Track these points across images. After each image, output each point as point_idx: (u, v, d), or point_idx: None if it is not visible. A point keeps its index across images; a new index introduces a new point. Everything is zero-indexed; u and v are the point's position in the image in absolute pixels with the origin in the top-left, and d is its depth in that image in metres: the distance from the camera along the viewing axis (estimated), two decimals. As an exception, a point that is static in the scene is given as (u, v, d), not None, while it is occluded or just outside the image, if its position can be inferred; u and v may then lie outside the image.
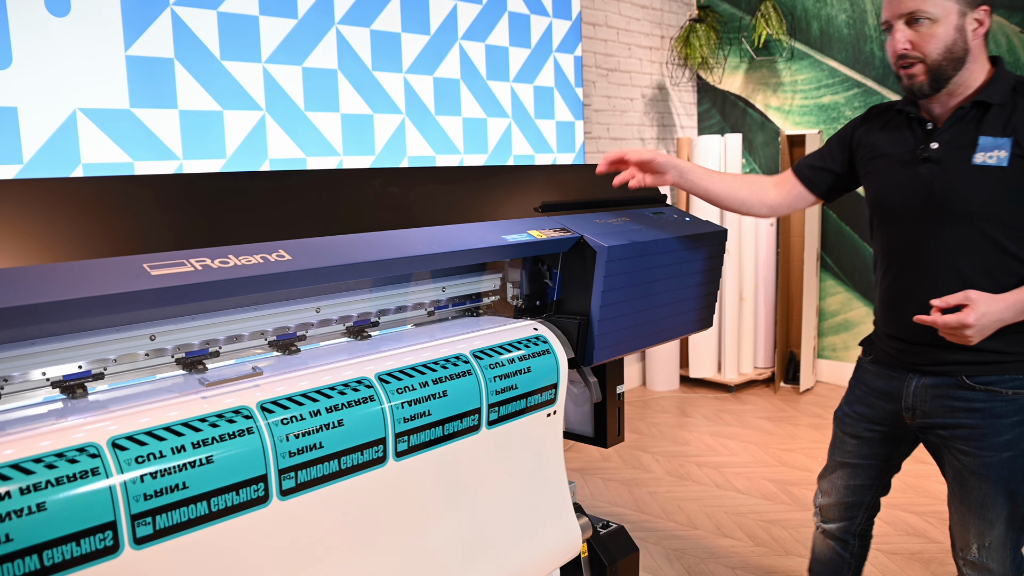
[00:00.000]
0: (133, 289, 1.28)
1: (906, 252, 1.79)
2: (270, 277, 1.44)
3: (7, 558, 1.13)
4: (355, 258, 1.58)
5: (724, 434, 3.99)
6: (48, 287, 1.22)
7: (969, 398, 1.72)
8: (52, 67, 2.40)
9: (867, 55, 4.58)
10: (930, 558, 2.72)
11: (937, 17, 1.64)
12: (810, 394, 4.66)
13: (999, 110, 1.66)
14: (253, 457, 1.41)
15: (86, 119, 2.47)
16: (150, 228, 1.44)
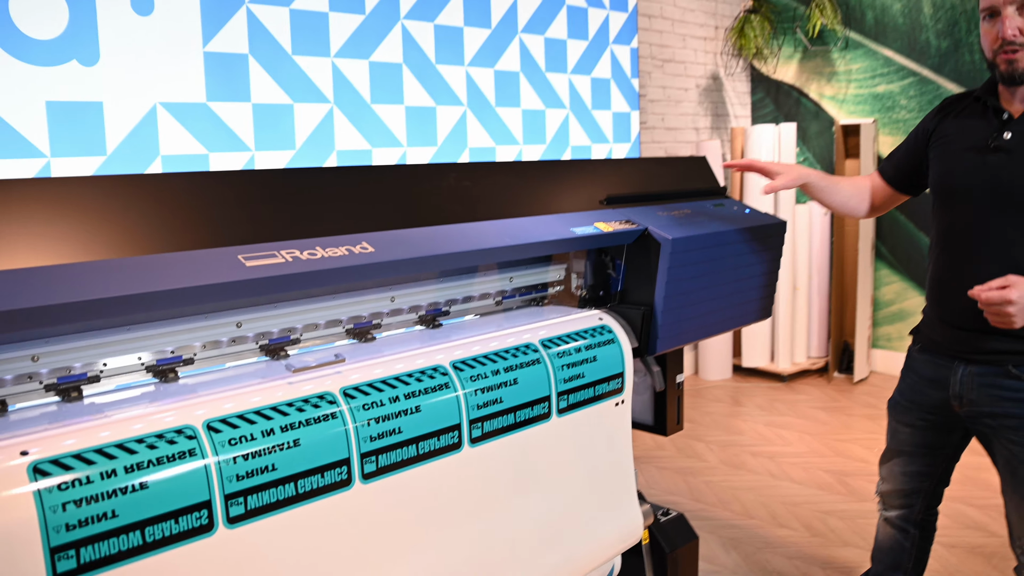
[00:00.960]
0: (232, 279, 1.31)
1: (963, 235, 1.79)
2: (356, 268, 1.47)
3: (112, 533, 1.18)
4: (434, 250, 1.60)
5: (778, 424, 3.95)
6: (154, 277, 1.25)
7: (1015, 388, 1.71)
8: (136, 63, 2.46)
9: (922, 44, 4.46)
10: (992, 552, 2.66)
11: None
12: (864, 384, 4.58)
13: None
14: (337, 441, 1.43)
15: (166, 112, 2.53)
16: (238, 222, 1.47)
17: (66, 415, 1.31)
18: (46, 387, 1.37)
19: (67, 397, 1.38)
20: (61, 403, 1.38)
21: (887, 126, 4.64)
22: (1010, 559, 2.58)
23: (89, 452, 1.19)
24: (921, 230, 4.60)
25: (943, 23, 4.39)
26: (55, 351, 1.37)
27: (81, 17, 2.34)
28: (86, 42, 2.35)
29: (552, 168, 2.18)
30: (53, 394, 1.39)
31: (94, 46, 2.37)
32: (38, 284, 1.18)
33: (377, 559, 1.51)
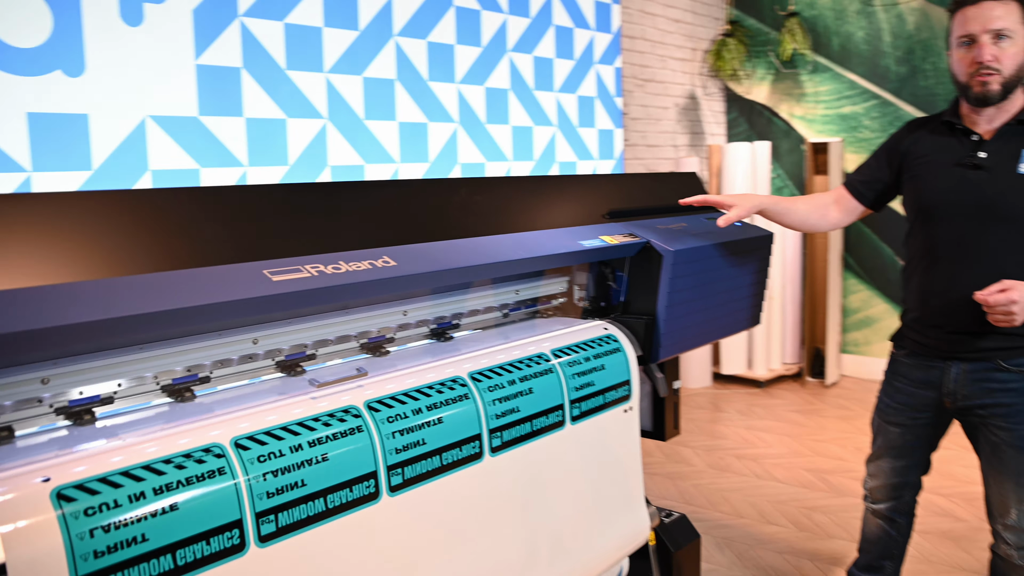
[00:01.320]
0: (260, 295, 1.24)
1: (954, 248, 1.85)
2: (381, 282, 1.41)
3: (144, 558, 1.10)
4: (454, 263, 1.54)
5: (758, 427, 3.93)
6: (183, 293, 1.18)
7: (1005, 379, 1.80)
8: (124, 75, 2.35)
9: (883, 69, 4.51)
10: (960, 535, 2.68)
11: (1015, 36, 1.74)
12: (836, 387, 4.60)
13: None
14: (364, 454, 1.37)
15: (156, 126, 2.43)
16: (258, 236, 1.40)
17: (81, 438, 1.23)
18: (56, 410, 1.28)
19: (80, 420, 1.30)
20: (73, 427, 1.29)
21: (852, 144, 4.67)
22: (977, 541, 2.60)
23: (115, 475, 1.11)
24: (885, 242, 4.64)
25: (901, 51, 4.44)
26: (66, 372, 1.28)
27: (66, 25, 2.22)
28: (71, 52, 2.24)
29: (556, 182, 2.14)
30: (63, 417, 1.30)
31: (79, 56, 2.25)
32: (59, 302, 1.10)
33: (407, 570, 1.44)
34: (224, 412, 1.31)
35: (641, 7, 4.42)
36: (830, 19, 4.67)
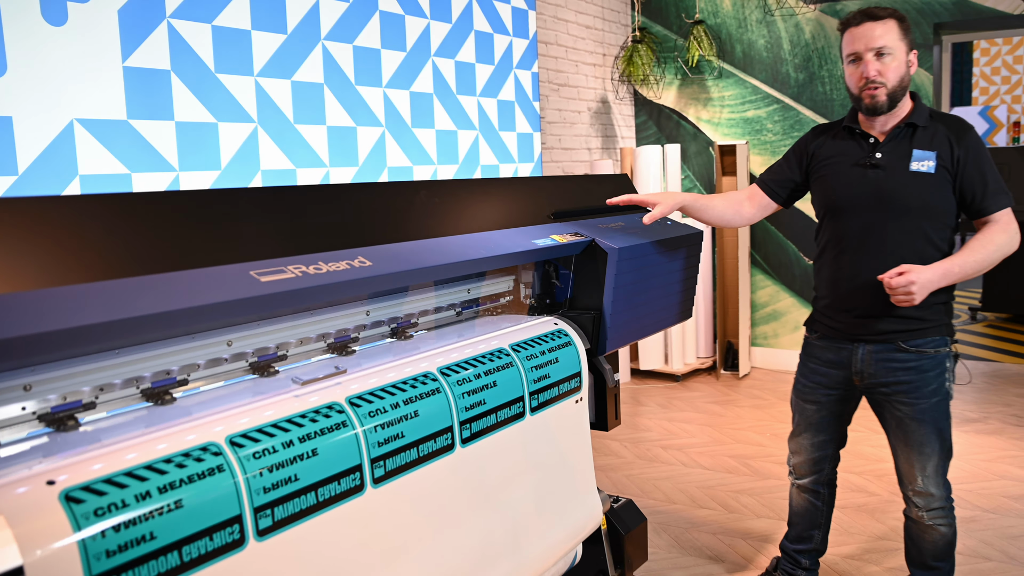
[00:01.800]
0: (251, 295, 1.28)
1: (857, 239, 2.06)
2: (360, 281, 1.47)
3: (152, 555, 1.13)
4: (426, 262, 1.62)
5: (679, 419, 4.14)
6: (177, 295, 1.21)
7: (905, 359, 2.02)
8: (48, 76, 2.30)
9: (783, 75, 4.84)
10: (874, 508, 2.93)
11: (895, 52, 1.97)
12: (748, 379, 4.88)
13: (923, 131, 1.99)
14: (350, 448, 1.43)
15: (83, 130, 2.39)
16: (238, 239, 1.43)
17: (69, 443, 1.24)
18: (39, 417, 1.29)
19: (63, 426, 1.30)
20: (56, 433, 1.30)
21: (756, 147, 4.98)
22: (889, 511, 2.86)
23: (119, 476, 1.14)
24: (789, 239, 4.96)
25: (799, 58, 4.77)
26: (47, 379, 1.29)
27: (-16, 23, 2.16)
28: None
29: (503, 185, 2.23)
30: (44, 424, 1.30)
31: (0, 56, 2.20)
32: (48, 308, 1.11)
33: (389, 559, 1.50)
34: (212, 412, 1.34)
35: (554, 13, 4.58)
36: (733, 27, 4.96)
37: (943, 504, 2.03)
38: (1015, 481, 3.15)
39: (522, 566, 1.85)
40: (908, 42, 1.98)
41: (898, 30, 1.96)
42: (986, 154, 1.93)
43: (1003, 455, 3.43)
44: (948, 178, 1.95)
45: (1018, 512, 2.87)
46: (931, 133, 1.98)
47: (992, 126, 10.12)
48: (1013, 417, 3.93)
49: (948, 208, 1.96)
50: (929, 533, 2.05)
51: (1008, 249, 1.92)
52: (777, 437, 3.79)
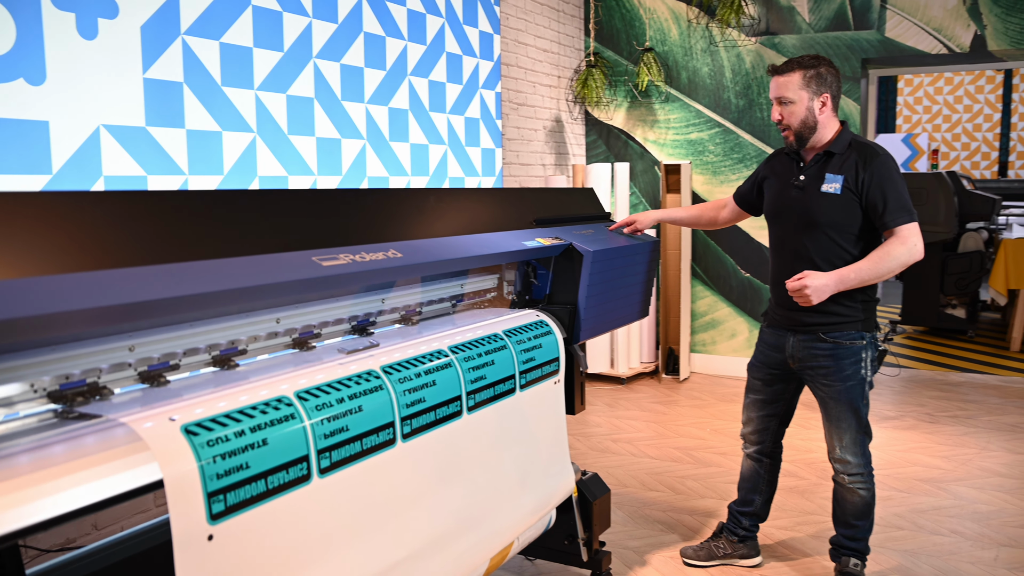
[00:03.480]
0: (318, 276, 1.59)
1: (785, 246, 2.51)
2: (398, 268, 1.79)
3: (248, 481, 1.42)
4: (445, 255, 1.95)
5: (625, 416, 4.53)
6: (267, 273, 1.52)
7: (824, 347, 2.42)
8: (80, 86, 2.55)
9: (725, 101, 5.32)
10: (804, 489, 3.35)
11: (795, 101, 2.39)
12: (688, 382, 5.31)
13: (839, 157, 2.41)
14: (385, 407, 1.74)
15: (108, 135, 2.64)
16: (293, 231, 1.74)
17: (163, 396, 1.52)
18: (139, 374, 1.57)
19: (157, 382, 1.59)
20: (150, 388, 1.58)
21: (699, 167, 5.44)
22: (817, 492, 3.27)
23: (221, 416, 1.43)
24: (727, 253, 5.42)
25: (740, 86, 5.26)
26: (148, 341, 1.57)
27: (29, 36, 2.40)
28: (33, 61, 2.43)
29: (494, 194, 2.58)
30: (141, 380, 1.58)
31: (40, 66, 2.45)
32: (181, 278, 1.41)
33: (409, 504, 1.82)
34: (278, 374, 1.64)
35: (516, 37, 4.96)
36: (679, 55, 5.43)
37: (861, 471, 2.44)
38: (925, 467, 3.62)
39: (516, 523, 2.18)
40: (812, 90, 2.37)
41: (800, 81, 2.38)
42: (891, 176, 2.33)
43: (916, 447, 3.91)
44: (854, 197, 2.35)
45: (926, 491, 3.33)
46: (843, 159, 2.38)
47: (915, 153, 10.93)
48: (926, 415, 4.45)
49: (853, 222, 2.36)
50: (850, 495, 2.46)
51: (906, 259, 2.31)
52: (717, 432, 4.21)
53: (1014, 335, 5.93)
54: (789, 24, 5.07)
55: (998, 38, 4.59)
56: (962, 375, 5.37)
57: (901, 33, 4.77)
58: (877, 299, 2.46)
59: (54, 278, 1.26)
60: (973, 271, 5.88)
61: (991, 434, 4.09)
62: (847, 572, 2.46)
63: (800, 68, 2.39)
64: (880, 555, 2.74)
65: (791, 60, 2.42)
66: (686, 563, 2.73)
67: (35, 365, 1.39)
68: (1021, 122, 9.52)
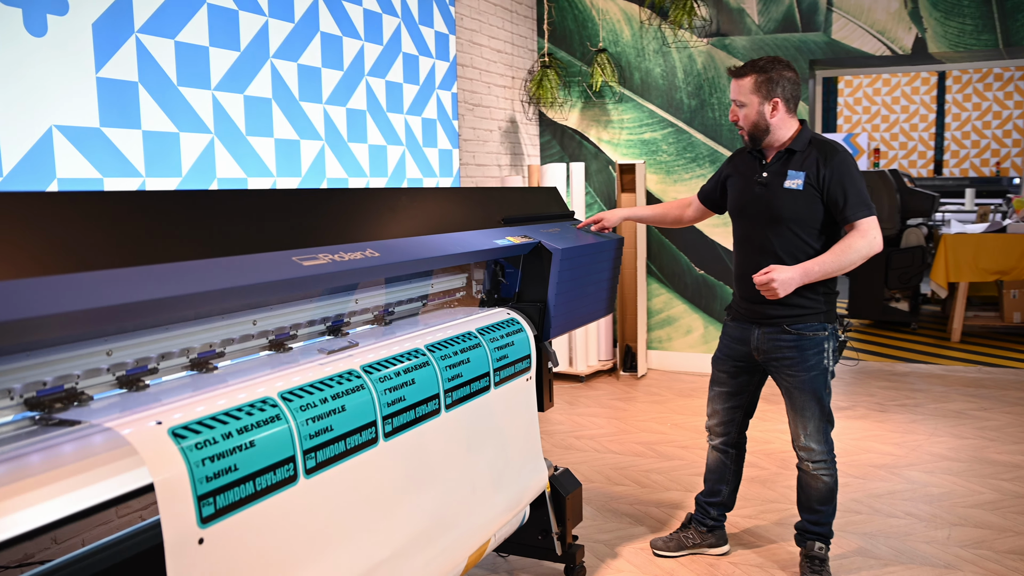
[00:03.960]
0: (298, 276, 1.59)
1: (749, 241, 2.58)
2: (376, 268, 1.79)
3: (237, 483, 1.42)
4: (421, 255, 1.96)
5: (587, 414, 4.58)
6: (246, 273, 1.50)
7: (789, 339, 2.50)
8: (30, 84, 2.48)
9: (677, 102, 5.42)
10: (765, 479, 3.44)
11: (749, 103, 2.48)
12: (646, 379, 5.39)
13: (800, 155, 2.49)
14: (368, 406, 1.74)
15: (61, 136, 2.57)
16: (272, 232, 1.73)
17: (143, 400, 1.50)
18: (118, 379, 1.54)
19: (135, 387, 1.56)
20: (128, 392, 1.55)
21: (652, 166, 5.53)
22: (778, 481, 3.36)
23: (207, 419, 1.42)
24: (682, 251, 5.52)
25: (692, 86, 5.36)
26: (126, 345, 1.55)
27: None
28: (-22, 60, 2.35)
29: (461, 193, 2.59)
30: (119, 385, 1.55)
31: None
32: (161, 280, 1.39)
33: (393, 503, 1.82)
34: (257, 376, 1.63)
35: (470, 38, 4.97)
36: (632, 56, 5.51)
37: (824, 458, 2.52)
38: (878, 454, 3.75)
39: (493, 519, 2.20)
40: (763, 95, 2.45)
41: (752, 85, 2.46)
42: (851, 173, 2.42)
43: (868, 435, 4.05)
44: (815, 193, 2.43)
45: (881, 477, 3.45)
46: (804, 156, 2.46)
47: (855, 152, 11.27)
48: (876, 405, 4.60)
49: (815, 216, 2.44)
50: (814, 481, 2.54)
51: (866, 251, 2.40)
52: (677, 427, 4.28)
53: (954, 326, 6.16)
54: (739, 26, 5.19)
55: (938, 41, 4.77)
56: (907, 365, 5.56)
57: (847, 35, 4.93)
58: (837, 292, 2.53)
59: (39, 280, 1.23)
60: (915, 265, 6.09)
61: (937, 421, 4.26)
62: (813, 555, 2.54)
63: (753, 72, 2.47)
64: (841, 539, 2.83)
65: (747, 64, 2.49)
66: (656, 554, 2.78)
67: (11, 371, 1.36)
68: (955, 122, 9.89)
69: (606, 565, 2.74)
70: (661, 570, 2.69)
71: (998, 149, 9.70)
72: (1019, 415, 4.34)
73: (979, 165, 9.83)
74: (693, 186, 5.41)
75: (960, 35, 4.72)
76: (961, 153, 9.89)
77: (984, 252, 5.98)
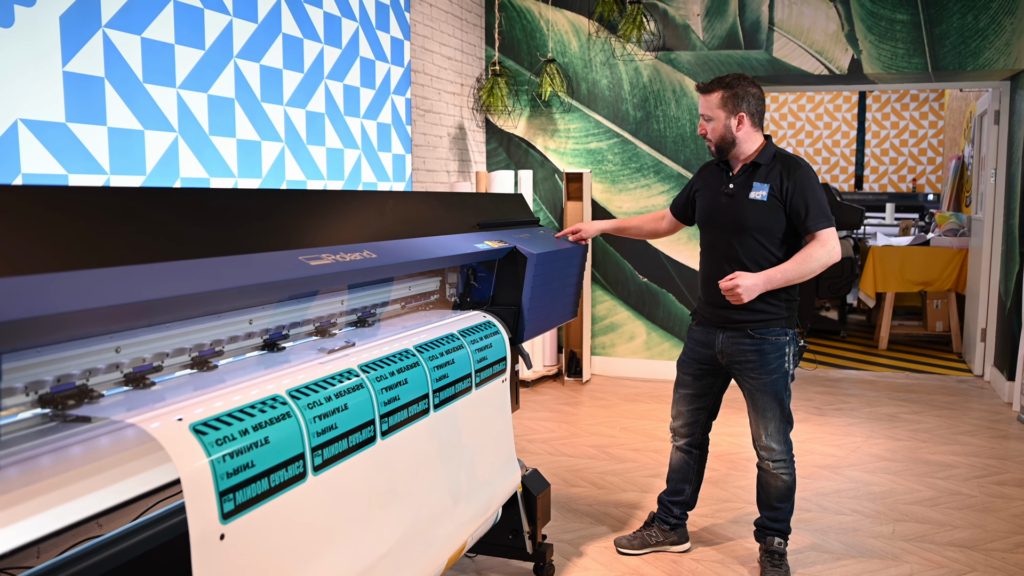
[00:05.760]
0: (307, 275, 1.62)
1: (716, 249, 2.70)
2: (374, 268, 1.83)
3: (254, 479, 1.44)
4: (414, 256, 2.01)
5: (536, 418, 4.66)
6: (256, 272, 1.53)
7: (751, 343, 2.63)
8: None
9: (623, 113, 5.58)
10: (718, 479, 3.60)
11: (716, 118, 2.62)
12: (590, 384, 5.51)
13: (765, 168, 2.63)
14: (367, 405, 1.78)
15: (26, 130, 2.52)
16: (275, 232, 1.75)
17: (150, 399, 1.51)
18: (125, 376, 1.55)
19: (141, 384, 1.57)
20: (133, 391, 1.56)
21: (598, 176, 5.67)
22: (730, 481, 3.51)
23: (224, 416, 1.44)
24: (625, 259, 5.68)
25: (638, 98, 5.53)
26: (133, 343, 1.55)
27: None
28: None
29: (439, 198, 2.64)
30: (124, 382, 1.55)
31: (-50, 57, 2.32)
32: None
33: (388, 500, 1.86)
34: (260, 375, 1.65)
35: (423, 44, 5.02)
36: (579, 67, 5.64)
37: (783, 458, 2.66)
38: (821, 455, 3.95)
39: (472, 518, 2.25)
40: (729, 109, 2.59)
41: (718, 100, 2.60)
42: (812, 186, 2.58)
43: (810, 437, 4.25)
44: (779, 204, 2.58)
45: (826, 477, 3.64)
46: (769, 169, 2.61)
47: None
48: (814, 409, 4.83)
49: (778, 226, 2.59)
50: (774, 480, 2.68)
51: (826, 260, 2.56)
52: (626, 430, 4.41)
53: (881, 335, 6.51)
54: (684, 41, 5.38)
55: (872, 62, 5.06)
56: (840, 372, 5.84)
57: (787, 54, 5.17)
58: (798, 299, 2.68)
59: (56, 276, 1.24)
60: (844, 276, 6.41)
61: (873, 424, 4.50)
62: (772, 550, 2.68)
63: (720, 88, 2.60)
64: (794, 535, 2.98)
65: (714, 80, 2.63)
66: (620, 552, 2.88)
67: (23, 368, 1.36)
68: (874, 139, 10.41)
69: (572, 563, 2.82)
70: (627, 568, 2.79)
71: (914, 166, 10.26)
72: (948, 418, 4.63)
73: (897, 181, 10.37)
74: (638, 195, 5.57)
75: (892, 58, 5.01)
76: (880, 169, 10.42)
77: (909, 264, 6.34)
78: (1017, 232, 4.95)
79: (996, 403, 4.96)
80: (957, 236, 6.61)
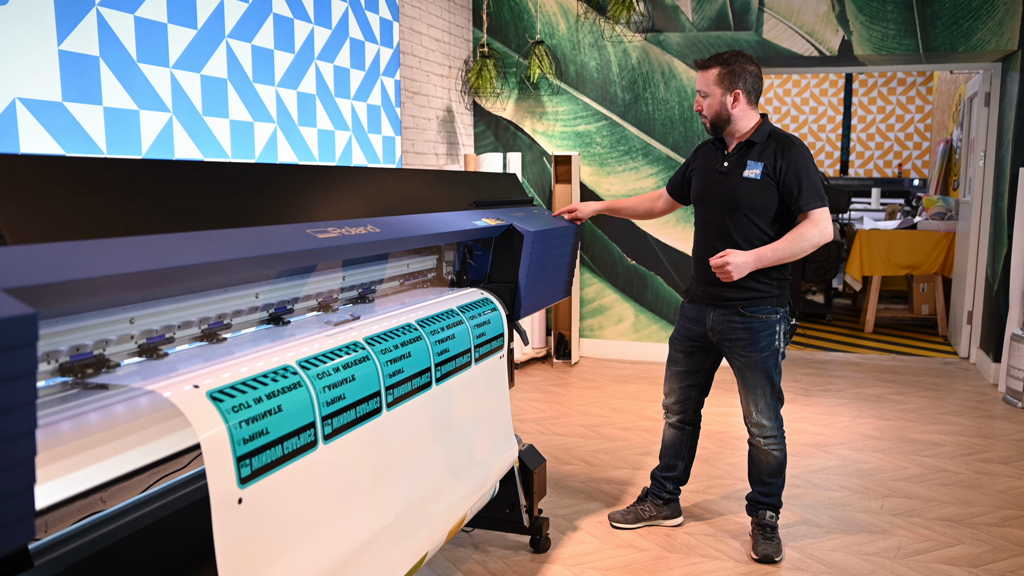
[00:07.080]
0: (316, 247, 1.67)
1: (709, 227, 2.77)
2: (379, 243, 1.89)
3: (268, 446, 1.50)
4: (416, 231, 2.06)
5: (526, 399, 4.74)
6: (267, 244, 1.58)
7: (742, 321, 2.70)
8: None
9: (612, 95, 5.63)
10: (707, 457, 3.68)
11: (712, 94, 2.68)
12: (579, 366, 5.59)
13: (760, 146, 2.68)
14: (373, 377, 1.84)
15: (24, 109, 2.55)
16: (284, 206, 1.80)
17: (164, 368, 1.56)
18: (140, 348, 1.60)
19: (154, 355, 1.62)
20: (148, 360, 1.61)
21: (586, 158, 5.73)
22: (720, 459, 3.61)
23: (239, 384, 1.50)
24: (614, 242, 5.75)
25: (626, 80, 5.59)
26: (147, 314, 1.60)
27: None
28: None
29: (437, 175, 2.69)
30: (137, 352, 1.61)
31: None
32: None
33: (391, 475, 1.92)
34: (272, 346, 1.71)
35: (411, 26, 5.05)
36: (567, 49, 5.69)
37: (774, 434, 2.75)
38: (810, 435, 4.05)
39: (472, 492, 2.32)
40: (725, 86, 2.65)
41: (715, 77, 2.66)
42: (806, 165, 2.64)
43: (799, 417, 4.35)
44: (772, 183, 2.65)
45: (814, 455, 3.74)
46: (763, 148, 2.67)
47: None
48: (802, 390, 4.94)
49: (771, 205, 2.65)
50: (765, 456, 2.76)
51: (818, 240, 2.64)
52: (616, 410, 4.49)
53: (867, 318, 6.63)
54: (673, 22, 5.45)
55: (863, 44, 5.14)
56: (826, 354, 5.96)
57: (777, 35, 5.25)
58: (789, 278, 2.76)
59: (90, 243, 1.28)
60: (831, 260, 6.52)
61: (860, 404, 4.61)
62: (764, 524, 2.77)
63: (717, 65, 2.66)
64: (784, 510, 3.08)
65: (712, 56, 2.68)
66: (614, 526, 2.96)
67: (45, 337, 1.40)
68: (860, 124, 10.53)
69: (568, 537, 2.90)
70: (621, 541, 2.87)
71: (900, 151, 10.39)
72: (933, 399, 4.75)
73: (882, 166, 10.50)
74: (626, 178, 5.64)
75: (884, 39, 5.10)
76: (866, 154, 10.55)
77: (896, 248, 6.46)
78: (1006, 215, 5.07)
79: (981, 384, 5.08)
80: (944, 220, 6.73)
